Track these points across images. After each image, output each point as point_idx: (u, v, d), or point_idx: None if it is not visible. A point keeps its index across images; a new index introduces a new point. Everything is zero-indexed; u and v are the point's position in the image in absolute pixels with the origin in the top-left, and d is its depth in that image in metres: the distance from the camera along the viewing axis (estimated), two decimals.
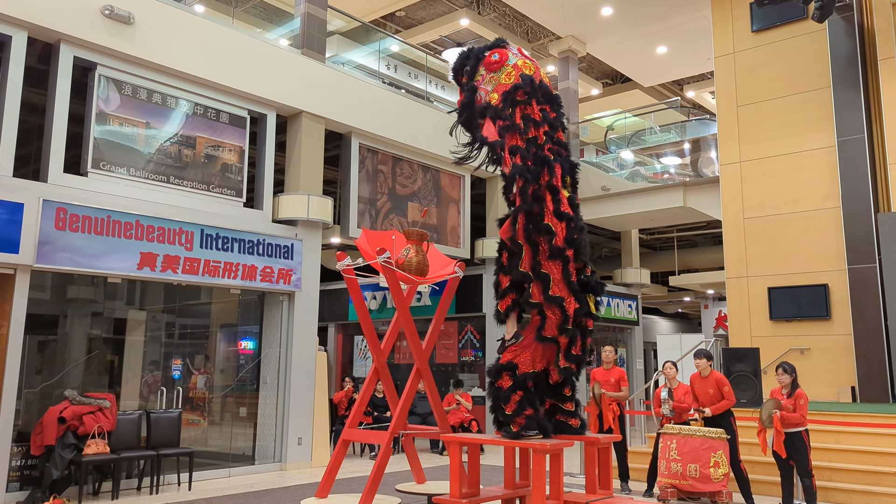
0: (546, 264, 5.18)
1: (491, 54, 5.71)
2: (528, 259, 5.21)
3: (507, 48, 5.79)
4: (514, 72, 5.58)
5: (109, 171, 8.98)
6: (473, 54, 5.86)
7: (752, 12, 13.07)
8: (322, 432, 11.02)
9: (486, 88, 5.72)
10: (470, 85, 5.83)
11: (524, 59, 5.69)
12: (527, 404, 5.04)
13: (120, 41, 9.06)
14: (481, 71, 5.75)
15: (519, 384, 5.05)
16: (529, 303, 5.22)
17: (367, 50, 14.24)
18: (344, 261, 6.24)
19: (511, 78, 5.57)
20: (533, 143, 5.38)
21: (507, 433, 5.09)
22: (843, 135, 11.67)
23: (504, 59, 5.67)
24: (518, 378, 5.08)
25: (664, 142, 17.31)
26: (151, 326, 10.36)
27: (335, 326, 17.98)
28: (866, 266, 11.19)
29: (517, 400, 5.03)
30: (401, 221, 12.77)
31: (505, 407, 5.08)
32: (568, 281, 5.16)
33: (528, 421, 5.02)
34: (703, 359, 8.13)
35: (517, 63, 5.63)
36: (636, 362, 18.22)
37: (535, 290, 5.17)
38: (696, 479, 7.73)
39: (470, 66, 5.83)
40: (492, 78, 5.69)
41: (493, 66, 5.67)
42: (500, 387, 5.08)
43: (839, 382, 11.35)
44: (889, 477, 8.09)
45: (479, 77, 5.77)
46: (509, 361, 5.15)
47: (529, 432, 5.04)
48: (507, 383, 5.05)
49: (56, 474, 7.76)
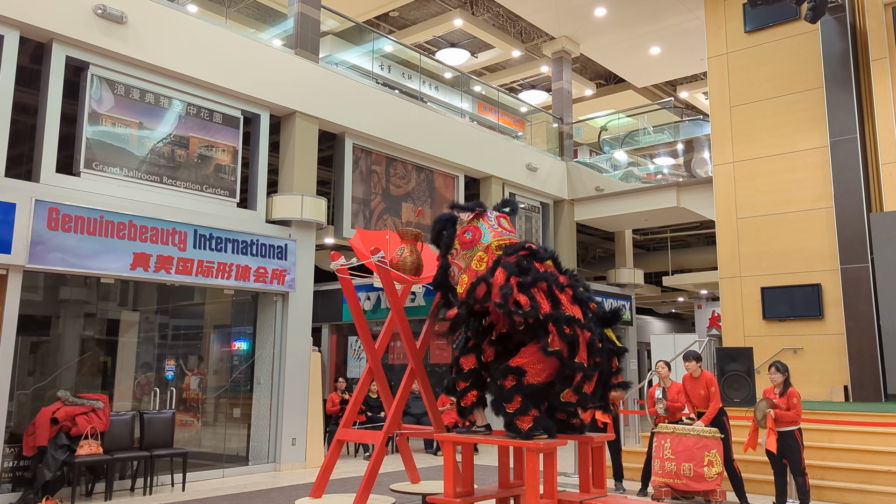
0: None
1: (464, 231, 5.50)
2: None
3: (484, 216, 5.57)
4: (487, 256, 5.36)
5: (102, 172, 8.95)
6: (450, 224, 5.63)
7: (745, 13, 13.12)
8: (316, 433, 11.01)
9: (459, 265, 5.51)
10: (443, 262, 5.61)
11: (499, 237, 5.45)
12: (531, 405, 4.98)
13: (113, 41, 9.03)
14: (455, 245, 5.54)
15: (521, 388, 4.96)
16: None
17: (361, 50, 14.23)
18: (338, 261, 6.23)
19: (482, 264, 5.35)
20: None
21: (517, 433, 5.01)
22: (835, 135, 11.72)
23: (476, 237, 5.45)
24: (523, 385, 4.95)
25: (658, 142, 17.34)
26: (145, 327, 10.32)
27: (329, 327, 17.95)
28: (859, 266, 11.23)
29: (520, 400, 4.96)
30: (395, 222, 12.77)
31: (507, 406, 4.99)
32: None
33: (535, 422, 4.96)
34: (692, 361, 8.15)
35: (490, 245, 5.39)
36: (630, 362, 18.25)
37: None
38: (690, 478, 7.75)
39: (443, 240, 5.63)
40: (464, 255, 5.49)
41: (466, 244, 5.48)
42: (503, 385, 5.00)
43: (832, 382, 11.39)
44: (882, 475, 8.12)
45: (454, 251, 5.56)
46: (518, 366, 4.98)
47: (536, 433, 4.97)
48: (510, 383, 4.98)
49: (49, 475, 7.72)
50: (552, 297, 4.99)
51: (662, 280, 20.62)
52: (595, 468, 5.59)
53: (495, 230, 5.53)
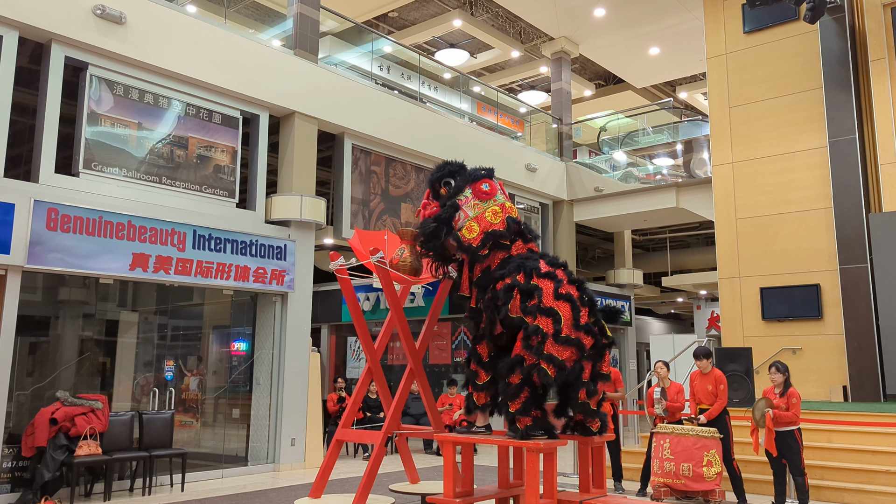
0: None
1: (482, 182, 5.56)
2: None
3: (495, 179, 5.69)
4: (502, 213, 5.46)
5: (101, 172, 8.95)
6: (461, 173, 5.66)
7: (744, 13, 13.12)
8: (315, 433, 11.00)
9: (468, 213, 5.50)
10: (452, 202, 5.57)
11: (508, 201, 5.60)
12: (533, 405, 4.94)
13: (112, 41, 9.02)
14: (467, 192, 5.55)
15: (527, 381, 4.90)
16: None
17: (360, 51, 14.24)
18: (337, 261, 6.23)
19: (497, 218, 5.42)
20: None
21: (515, 432, 5.01)
22: (834, 135, 11.73)
23: (493, 191, 5.54)
24: (526, 371, 4.90)
25: (657, 143, 17.36)
26: (144, 327, 10.32)
27: (328, 327, 17.96)
28: (858, 266, 11.24)
29: (524, 399, 4.92)
30: (394, 222, 12.77)
31: (510, 404, 4.96)
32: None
33: (534, 422, 4.95)
34: (702, 359, 8.18)
35: (504, 204, 5.51)
36: (629, 363, 18.26)
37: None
38: (690, 478, 7.75)
39: (456, 183, 5.62)
40: (476, 205, 5.50)
41: (481, 194, 5.52)
42: (510, 383, 4.96)
43: (831, 382, 11.40)
44: (880, 475, 8.13)
45: (464, 198, 5.56)
46: (517, 354, 4.96)
47: (534, 433, 4.97)
48: (517, 379, 4.93)
49: (48, 476, 7.72)
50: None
51: (662, 280, 20.62)
52: (595, 468, 5.59)
53: (504, 193, 5.68)
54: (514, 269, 5.19)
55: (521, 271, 5.16)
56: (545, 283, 5.10)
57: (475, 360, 5.47)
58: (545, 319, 4.96)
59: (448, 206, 5.55)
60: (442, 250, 5.57)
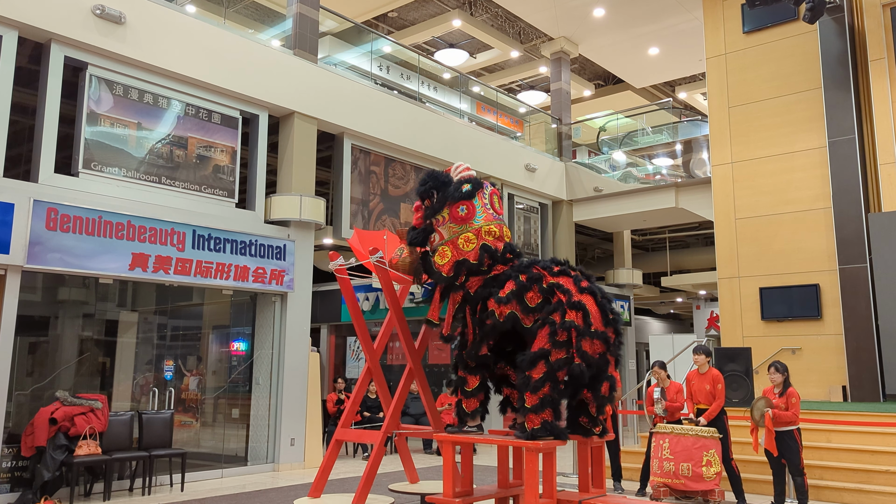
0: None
1: (458, 205, 5.42)
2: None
3: (480, 192, 5.52)
4: (476, 240, 5.34)
5: (100, 172, 8.95)
6: (444, 190, 5.52)
7: (744, 13, 13.13)
8: (315, 433, 11.00)
9: (443, 234, 5.48)
10: (426, 224, 5.57)
11: (490, 221, 5.45)
12: (549, 403, 4.86)
13: (111, 41, 9.03)
14: (444, 213, 5.47)
15: (550, 375, 4.83)
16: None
17: (360, 51, 14.24)
18: (337, 261, 6.23)
19: (470, 246, 5.32)
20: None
21: (522, 432, 4.98)
22: (833, 135, 11.73)
23: (470, 215, 5.41)
24: (552, 366, 4.84)
25: (656, 143, 17.36)
26: (143, 327, 10.32)
27: (328, 327, 17.95)
28: (857, 266, 11.24)
29: (542, 395, 4.83)
30: (393, 222, 12.77)
31: (528, 397, 4.85)
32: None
33: (542, 424, 4.88)
34: (701, 355, 8.16)
35: (481, 230, 5.39)
36: (628, 363, 18.26)
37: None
38: (689, 477, 7.75)
39: (434, 202, 5.53)
40: (450, 228, 5.43)
41: (457, 219, 5.43)
42: (530, 377, 4.88)
43: (830, 382, 11.40)
44: (880, 475, 8.14)
45: (441, 218, 5.49)
46: (542, 348, 4.89)
47: (541, 435, 4.93)
48: (540, 373, 4.86)
49: (47, 476, 7.72)
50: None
51: (661, 280, 20.63)
52: (594, 468, 5.59)
53: (487, 211, 5.53)
54: (520, 270, 5.20)
55: (527, 273, 5.16)
56: (564, 279, 5.11)
57: (462, 367, 5.46)
58: (575, 314, 4.92)
59: (421, 229, 5.62)
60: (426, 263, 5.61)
